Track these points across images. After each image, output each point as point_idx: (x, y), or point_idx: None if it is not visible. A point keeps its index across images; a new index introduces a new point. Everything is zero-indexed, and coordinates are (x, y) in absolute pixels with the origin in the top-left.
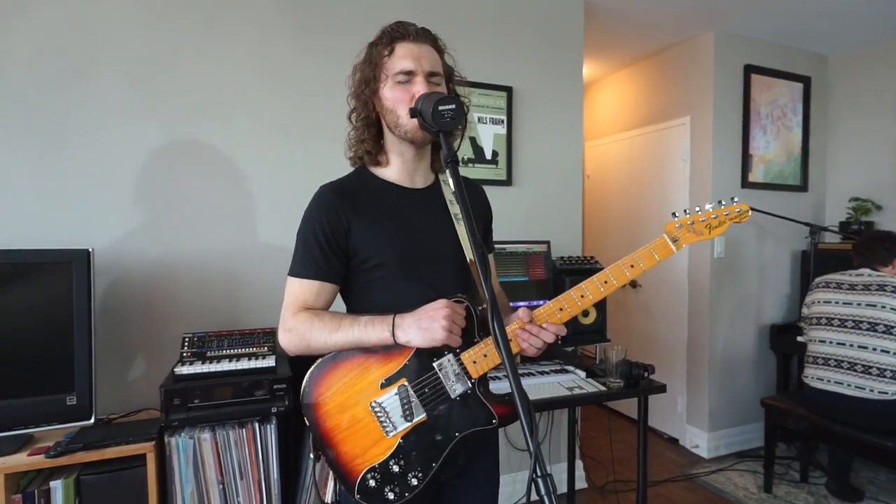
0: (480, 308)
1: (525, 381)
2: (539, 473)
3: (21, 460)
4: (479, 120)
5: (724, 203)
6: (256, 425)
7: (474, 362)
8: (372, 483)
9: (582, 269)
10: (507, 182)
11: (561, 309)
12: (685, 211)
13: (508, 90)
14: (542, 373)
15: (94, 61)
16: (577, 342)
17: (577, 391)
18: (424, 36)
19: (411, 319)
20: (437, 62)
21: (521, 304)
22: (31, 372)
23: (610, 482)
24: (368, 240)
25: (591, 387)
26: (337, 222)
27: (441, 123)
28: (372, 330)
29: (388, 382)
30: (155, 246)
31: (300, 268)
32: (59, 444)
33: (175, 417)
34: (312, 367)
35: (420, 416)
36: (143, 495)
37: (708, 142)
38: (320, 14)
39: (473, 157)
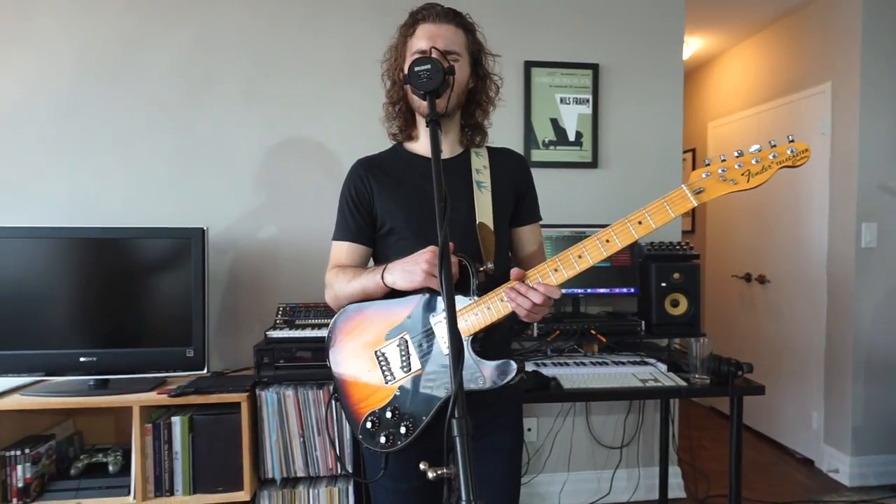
0: (481, 268)
1: (595, 370)
2: (457, 415)
3: (151, 397)
4: (562, 100)
5: (773, 143)
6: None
7: (466, 320)
8: (369, 426)
9: (673, 255)
10: (593, 164)
11: (556, 269)
12: (721, 157)
13: (594, 67)
14: (617, 362)
15: (216, 70)
16: (665, 334)
17: (650, 384)
18: (446, 16)
19: (399, 263)
20: (457, 41)
21: (601, 290)
22: (160, 327)
23: (711, 496)
24: (385, 205)
25: (670, 381)
26: (362, 189)
27: (419, 84)
28: (371, 276)
29: (392, 334)
30: (262, 227)
31: (336, 231)
32: (179, 388)
33: (264, 374)
34: (335, 317)
35: (416, 369)
36: (239, 437)
37: (854, 112)
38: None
39: (555, 138)
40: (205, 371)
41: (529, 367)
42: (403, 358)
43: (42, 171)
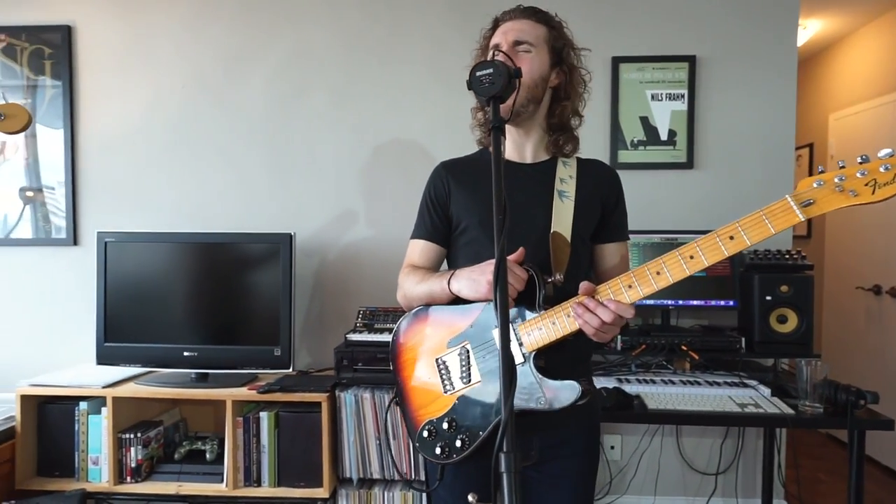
0: (550, 280)
1: (686, 390)
2: (505, 449)
3: (242, 392)
4: (653, 97)
5: None
6: None
7: (529, 334)
8: (426, 435)
9: (781, 264)
10: (687, 164)
11: (630, 286)
12: (839, 163)
13: (690, 59)
14: (712, 383)
15: (307, 81)
16: (770, 353)
17: (750, 409)
18: (524, 12)
19: (466, 271)
20: (531, 33)
21: (694, 302)
22: (252, 327)
23: None
24: (461, 205)
25: (774, 408)
26: (441, 189)
27: (480, 90)
28: (437, 282)
29: (454, 342)
30: (347, 231)
31: (414, 230)
32: (267, 385)
33: (343, 376)
34: (400, 320)
35: (476, 380)
36: (319, 435)
37: None
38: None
39: (645, 138)
40: (290, 370)
41: (610, 382)
42: (464, 368)
43: (156, 182)
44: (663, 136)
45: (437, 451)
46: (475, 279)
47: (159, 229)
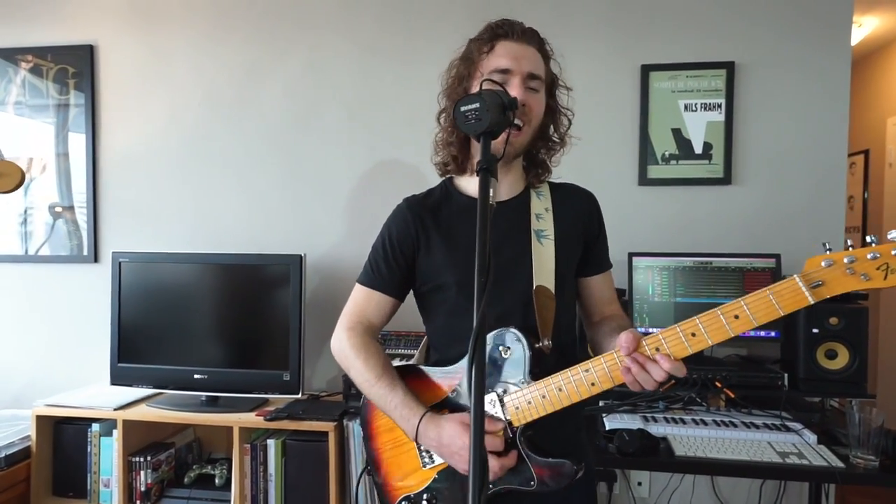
0: (537, 345)
1: (719, 433)
2: None
3: (250, 419)
4: (686, 107)
5: None
6: None
7: (517, 408)
8: None
9: None
10: (725, 180)
11: (693, 334)
12: (848, 243)
13: (729, 66)
14: (749, 424)
15: (321, 99)
16: (816, 392)
17: (792, 460)
18: (530, 37)
19: (434, 441)
20: (540, 66)
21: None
22: (262, 350)
23: None
24: (432, 261)
25: (820, 459)
26: (406, 237)
27: (465, 126)
28: (399, 416)
29: (438, 408)
30: (361, 252)
31: (364, 275)
32: (276, 411)
33: (352, 404)
34: None
35: None
36: (327, 465)
37: None
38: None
39: (677, 152)
40: (300, 395)
41: (635, 422)
42: None
43: (173, 201)
44: (698, 150)
45: None
46: (447, 455)
47: (176, 247)
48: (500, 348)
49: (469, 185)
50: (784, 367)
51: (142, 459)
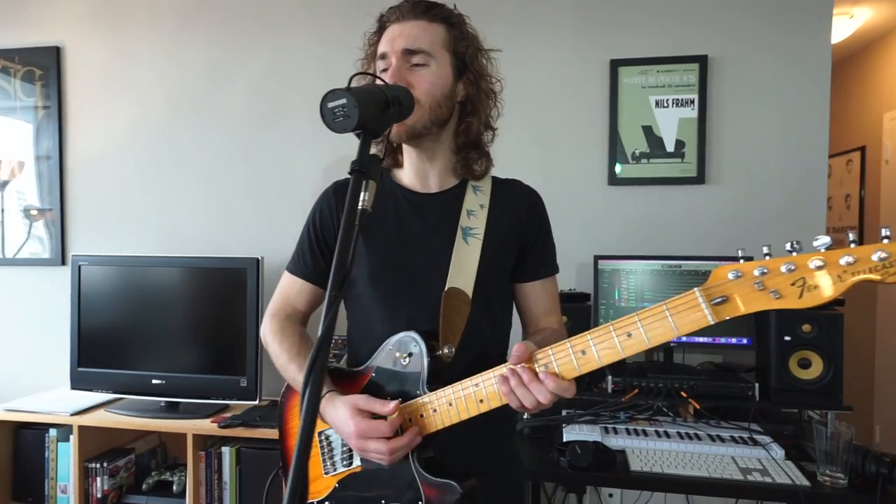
0: (438, 353)
1: (681, 446)
2: None
3: (205, 426)
4: (657, 104)
5: (855, 242)
6: None
7: (410, 420)
8: None
9: None
10: (698, 179)
11: (584, 352)
12: (764, 252)
13: (701, 60)
14: (715, 437)
15: (286, 97)
16: (789, 403)
17: (752, 477)
18: (413, 9)
19: (331, 423)
20: (426, 38)
21: (700, 339)
22: (219, 355)
23: None
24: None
25: (784, 476)
26: (327, 224)
27: (333, 125)
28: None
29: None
30: None
31: (291, 262)
32: (231, 418)
33: None
34: (286, 384)
35: (356, 465)
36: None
37: None
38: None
39: (648, 150)
40: (257, 401)
41: (595, 432)
42: (345, 448)
43: (139, 203)
44: (669, 148)
45: None
46: (342, 431)
47: (143, 251)
48: (399, 354)
49: (399, 174)
50: (758, 377)
51: (98, 465)
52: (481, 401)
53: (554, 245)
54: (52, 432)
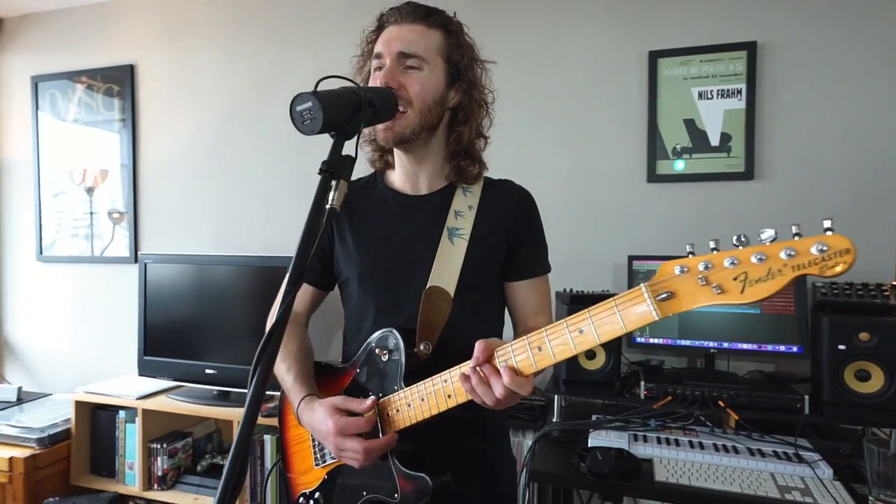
0: (416, 350)
1: (714, 458)
2: None
3: None
4: (701, 95)
5: (798, 234)
6: None
7: (388, 415)
8: None
9: (861, 304)
10: (746, 174)
11: (540, 348)
12: (711, 245)
13: (750, 47)
14: (754, 451)
15: None
16: (844, 418)
17: (791, 497)
18: (412, 14)
19: (308, 425)
20: (421, 43)
21: (744, 346)
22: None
23: None
24: (343, 250)
25: (829, 498)
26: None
27: (301, 127)
28: (290, 399)
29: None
30: None
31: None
32: (270, 408)
33: None
34: None
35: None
36: None
37: None
38: (502, 16)
39: (690, 144)
40: None
41: (622, 439)
42: None
43: (199, 206)
44: (714, 142)
45: None
46: (319, 430)
47: (201, 250)
48: (380, 351)
49: (391, 177)
50: (812, 389)
51: (159, 446)
52: (449, 396)
53: (545, 245)
54: (122, 414)
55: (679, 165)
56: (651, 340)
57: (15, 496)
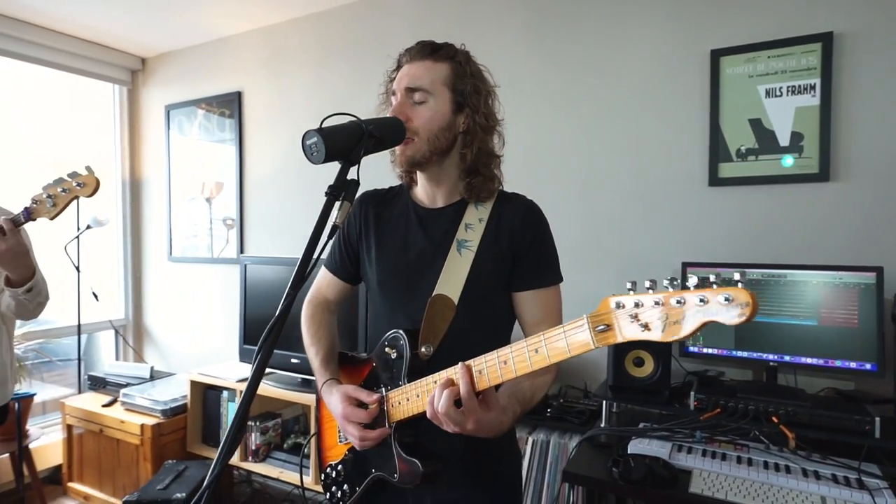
0: (416, 351)
1: (762, 476)
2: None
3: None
4: (768, 93)
5: (715, 284)
6: None
7: (392, 406)
8: (326, 475)
9: None
10: (821, 176)
11: (505, 363)
12: (646, 285)
13: (825, 38)
14: (811, 473)
15: None
16: None
17: None
18: (421, 52)
19: (332, 398)
20: (427, 78)
21: (809, 360)
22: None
23: None
24: (368, 258)
25: None
26: (352, 229)
27: (311, 159)
28: (317, 371)
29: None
30: None
31: (327, 256)
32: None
33: None
34: None
35: None
36: None
37: None
38: (559, 41)
39: (756, 145)
40: None
41: (664, 448)
42: None
43: (290, 214)
44: (783, 142)
45: (328, 495)
46: (334, 412)
47: (292, 252)
48: (389, 349)
49: (416, 191)
50: (889, 409)
51: (254, 424)
52: None
53: (552, 256)
54: (225, 394)
55: (743, 168)
56: (705, 350)
57: (145, 456)
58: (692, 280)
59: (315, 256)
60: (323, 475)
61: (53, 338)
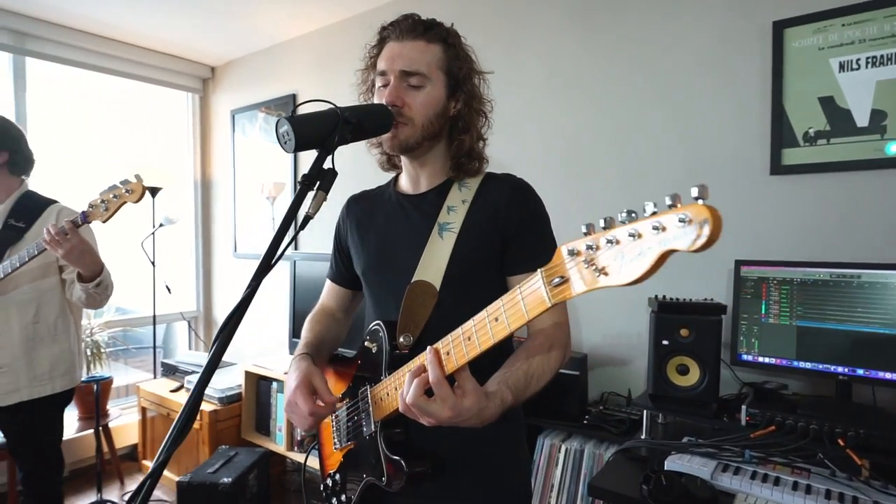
0: (398, 342)
1: (763, 492)
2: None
3: None
4: (842, 67)
5: (673, 205)
6: None
7: (374, 403)
8: (327, 486)
9: None
10: None
11: (469, 338)
12: (602, 222)
13: None
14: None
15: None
16: None
17: None
18: (413, 30)
19: (290, 371)
20: (422, 60)
21: (887, 376)
22: None
23: None
24: (353, 251)
25: None
26: (340, 231)
27: (284, 147)
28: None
29: (343, 397)
30: None
31: (329, 268)
32: None
33: None
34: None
35: (352, 441)
36: None
37: None
38: (606, 33)
39: (828, 127)
40: None
41: (704, 468)
42: (348, 425)
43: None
44: (861, 122)
45: None
46: (287, 386)
47: None
48: (369, 343)
49: (400, 178)
50: None
51: None
52: None
53: (546, 238)
54: (274, 385)
55: (812, 153)
56: (760, 359)
57: (203, 440)
58: (649, 207)
59: (283, 247)
60: (322, 486)
61: (132, 327)
